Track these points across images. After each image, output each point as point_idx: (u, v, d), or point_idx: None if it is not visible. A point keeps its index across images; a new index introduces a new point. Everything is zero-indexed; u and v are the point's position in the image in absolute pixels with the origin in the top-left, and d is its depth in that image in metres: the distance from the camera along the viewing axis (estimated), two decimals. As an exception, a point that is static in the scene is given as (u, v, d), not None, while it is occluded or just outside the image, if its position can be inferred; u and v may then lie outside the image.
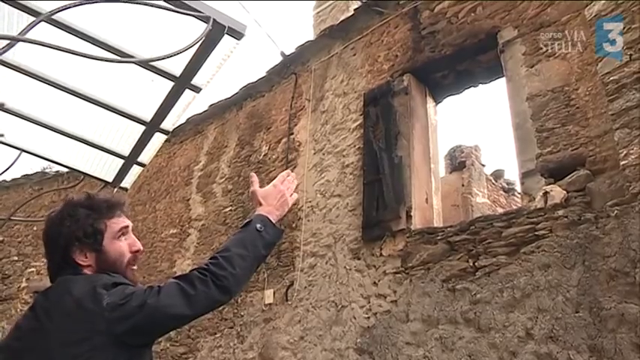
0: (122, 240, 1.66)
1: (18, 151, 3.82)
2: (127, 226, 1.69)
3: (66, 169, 7.58)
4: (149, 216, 8.01)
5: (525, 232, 3.87)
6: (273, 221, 1.74)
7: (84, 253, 1.59)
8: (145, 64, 2.56)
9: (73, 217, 1.60)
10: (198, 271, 1.54)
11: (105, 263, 1.60)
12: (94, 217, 1.61)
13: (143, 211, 8.17)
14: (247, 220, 1.73)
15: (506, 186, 9.87)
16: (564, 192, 3.76)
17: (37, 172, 9.89)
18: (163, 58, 2.29)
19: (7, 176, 10.45)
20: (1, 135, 3.72)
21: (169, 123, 3.12)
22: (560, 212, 3.73)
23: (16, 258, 9.61)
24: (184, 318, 1.50)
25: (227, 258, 1.57)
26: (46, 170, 9.77)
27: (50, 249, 1.63)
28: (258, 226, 1.67)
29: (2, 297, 9.35)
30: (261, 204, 1.79)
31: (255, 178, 1.88)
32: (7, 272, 9.59)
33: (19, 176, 10.07)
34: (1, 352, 1.55)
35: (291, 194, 1.89)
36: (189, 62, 2.57)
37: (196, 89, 2.77)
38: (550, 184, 3.89)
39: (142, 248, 1.72)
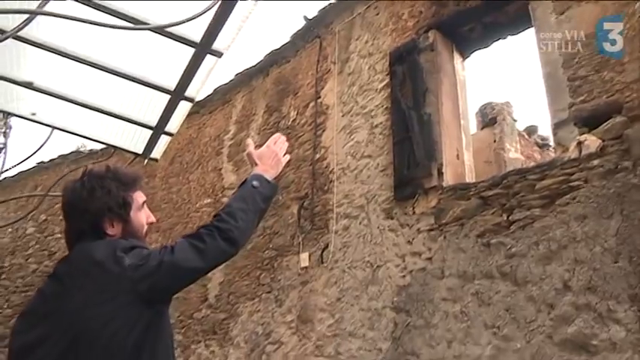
0: (142, 212, 1.78)
1: (50, 129, 3.89)
2: (145, 200, 1.81)
3: (99, 147, 7.74)
4: (183, 187, 8.12)
5: (560, 184, 3.80)
6: (269, 179, 1.86)
7: (112, 223, 1.67)
8: (163, 31, 2.56)
9: (103, 188, 1.67)
10: (205, 228, 1.65)
11: (129, 233, 1.70)
12: (123, 190, 1.69)
13: (177, 183, 8.28)
14: (244, 179, 1.86)
15: (541, 141, 9.67)
16: (599, 141, 3.67)
17: (72, 152, 10.11)
18: (179, 24, 2.30)
19: (45, 157, 10.72)
20: (33, 114, 3.79)
21: (194, 90, 3.12)
22: (596, 162, 3.64)
23: (59, 235, 9.87)
24: (199, 270, 1.61)
25: (229, 213, 1.69)
26: (81, 149, 9.96)
27: (76, 218, 1.69)
28: (255, 183, 1.81)
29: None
30: (256, 164, 1.91)
31: (249, 142, 1.99)
32: (52, 249, 9.88)
33: (55, 156, 10.32)
34: (27, 316, 1.62)
35: (284, 154, 2.01)
36: (208, 27, 2.56)
37: (217, 54, 2.76)
38: (584, 133, 3.80)
39: (155, 220, 1.85)
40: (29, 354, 1.49)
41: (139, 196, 1.77)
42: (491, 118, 8.39)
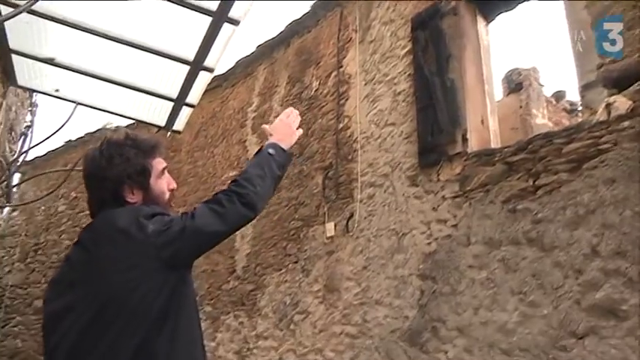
0: (163, 178, 1.79)
1: (74, 105, 3.93)
2: (166, 167, 1.82)
3: (125, 123, 7.81)
4: (208, 161, 8.17)
5: (587, 147, 3.70)
6: (284, 147, 1.92)
7: (132, 191, 1.69)
8: (180, 0, 2.54)
9: (122, 156, 1.69)
10: (223, 193, 1.68)
11: (150, 200, 1.72)
12: (141, 157, 1.70)
13: (202, 157, 8.34)
14: (259, 148, 1.90)
15: (569, 107, 9.47)
16: (630, 102, 3.55)
17: (98, 129, 10.24)
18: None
19: (73, 135, 10.90)
20: (57, 90, 3.83)
21: (213, 60, 3.12)
22: (626, 123, 3.53)
23: (89, 212, 10.08)
24: (220, 234, 1.64)
25: (247, 179, 1.72)
26: (107, 126, 10.08)
27: (96, 186, 1.71)
28: (270, 150, 1.86)
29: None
30: (271, 135, 1.96)
31: (264, 126, 2.07)
32: (83, 225, 10.02)
33: (83, 134, 10.48)
34: (56, 284, 1.66)
35: (297, 128, 2.06)
36: (223, -6, 2.54)
37: (235, 22, 2.74)
38: (613, 95, 3.68)
39: (176, 186, 1.88)
40: (59, 321, 1.52)
41: (159, 163, 1.78)
42: (517, 84, 8.22)
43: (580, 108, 9.15)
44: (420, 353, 4.47)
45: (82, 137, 10.51)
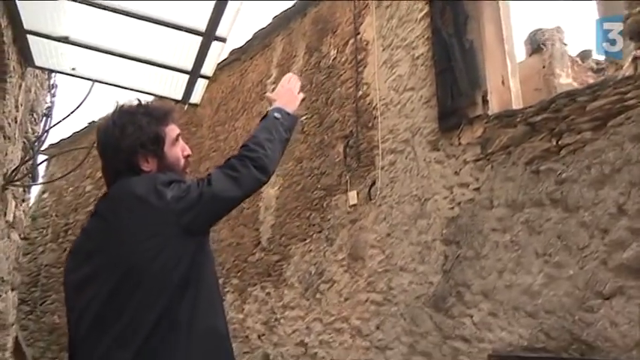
0: (177, 146, 1.78)
1: (91, 83, 3.94)
2: (180, 134, 1.81)
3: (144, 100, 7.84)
4: (229, 135, 8.19)
5: (613, 104, 3.58)
6: (289, 111, 1.93)
7: (146, 159, 1.68)
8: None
9: (134, 124, 1.68)
10: (236, 158, 1.69)
11: (165, 167, 1.71)
12: (154, 124, 1.69)
13: (223, 131, 8.36)
14: (265, 113, 1.92)
15: (595, 66, 9.21)
16: (658, 55, 3.44)
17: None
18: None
19: (96, 116, 11.01)
20: (73, 69, 3.85)
21: (224, 29, 3.10)
22: (654, 78, 3.43)
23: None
24: (236, 199, 1.66)
25: (256, 143, 1.73)
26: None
27: (110, 156, 1.71)
28: (276, 114, 1.87)
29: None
30: (274, 101, 1.98)
31: (267, 94, 2.13)
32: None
33: (105, 114, 10.55)
34: (75, 255, 1.67)
35: (298, 93, 2.09)
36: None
37: (243, -11, 2.71)
38: (640, 48, 3.57)
39: (191, 153, 1.88)
40: (81, 291, 1.54)
41: (172, 130, 1.77)
42: (540, 44, 8.02)
43: (606, 67, 8.92)
44: (446, 318, 4.47)
45: (104, 117, 10.60)
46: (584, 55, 9.20)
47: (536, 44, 8.17)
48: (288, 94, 2.02)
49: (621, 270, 3.37)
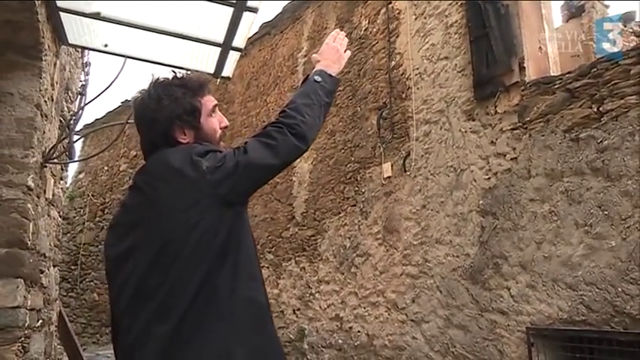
0: (214, 117, 1.74)
1: (123, 60, 3.95)
2: (217, 104, 1.77)
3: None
4: (261, 110, 8.18)
5: (659, 67, 3.47)
6: (333, 74, 1.85)
7: (183, 131, 1.66)
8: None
9: (170, 96, 1.66)
10: (272, 125, 1.63)
11: (201, 139, 1.68)
12: (190, 96, 1.67)
13: (255, 107, 8.36)
14: (306, 76, 1.84)
15: (639, 29, 8.86)
16: None
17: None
18: None
19: (129, 95, 11.11)
20: (105, 45, 3.85)
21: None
22: (702, 38, 3.28)
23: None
24: (274, 167, 1.60)
25: (294, 109, 1.67)
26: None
27: (147, 129, 1.69)
28: (317, 77, 1.80)
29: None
30: (318, 62, 1.90)
31: (313, 55, 2.00)
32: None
33: (136, 93, 10.65)
34: (115, 229, 1.67)
35: (345, 50, 1.99)
36: None
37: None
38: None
39: (228, 124, 1.83)
40: (122, 263, 1.53)
41: (209, 101, 1.73)
42: (578, 7, 7.74)
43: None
44: (482, 290, 4.42)
45: (136, 97, 10.71)
46: (627, 17, 8.82)
47: (573, 8, 7.89)
48: (332, 52, 1.93)
49: (667, 240, 3.27)
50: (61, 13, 3.44)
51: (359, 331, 5.81)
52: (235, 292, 1.49)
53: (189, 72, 2.09)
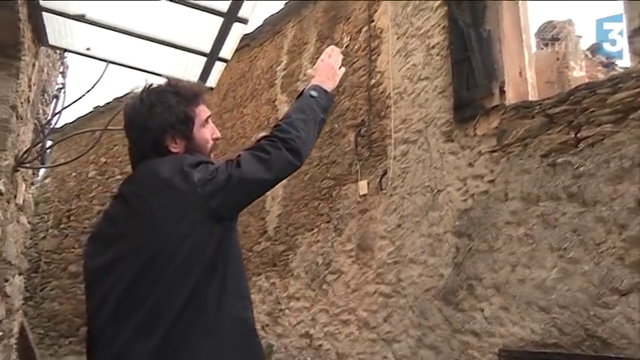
0: (207, 127, 1.70)
1: (105, 64, 3.87)
2: (210, 115, 1.73)
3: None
4: (237, 122, 8.14)
5: (634, 97, 3.51)
6: (328, 90, 1.82)
7: (174, 140, 1.61)
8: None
9: (164, 103, 1.61)
10: (267, 139, 1.59)
11: (192, 149, 1.63)
12: (184, 104, 1.63)
13: (231, 118, 8.31)
14: (301, 90, 1.81)
15: (606, 60, 9.15)
16: (682, 48, 3.38)
17: (126, 94, 10.17)
18: None
19: (101, 101, 10.94)
20: (88, 49, 3.78)
21: (247, 11, 3.03)
22: (677, 70, 3.37)
23: (120, 176, 10.23)
24: (266, 182, 1.56)
25: (289, 123, 1.63)
26: (135, 90, 10.08)
27: (137, 136, 1.64)
28: (313, 92, 1.77)
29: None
30: (313, 77, 1.88)
31: (308, 71, 1.98)
32: (114, 190, 10.23)
33: (111, 100, 10.50)
34: (97, 239, 1.61)
35: (340, 67, 1.96)
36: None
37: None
38: (664, 39, 3.51)
39: (220, 135, 1.79)
40: (102, 277, 1.48)
41: (203, 111, 1.69)
42: (552, 36, 7.96)
43: (617, 62, 8.86)
44: (455, 312, 4.43)
45: (109, 103, 10.55)
46: (594, 48, 9.12)
47: (548, 36, 8.11)
48: (327, 68, 1.90)
49: (639, 266, 3.32)
50: (43, 13, 3.37)
51: (328, 349, 5.75)
52: (223, 309, 1.45)
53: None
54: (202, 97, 1.72)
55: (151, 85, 1.69)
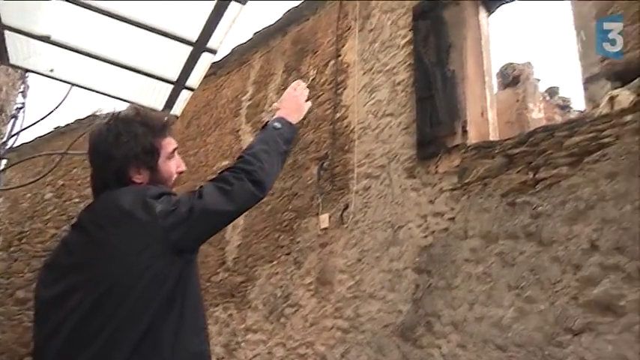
0: (172, 160, 1.70)
1: (69, 87, 3.82)
2: (176, 148, 1.73)
3: (117, 110, 7.69)
4: (200, 150, 8.08)
5: (589, 141, 3.65)
6: (292, 122, 1.86)
7: (138, 170, 1.60)
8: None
9: (130, 133, 1.60)
10: (229, 170, 1.61)
11: (156, 181, 1.63)
12: (151, 135, 1.62)
13: (194, 146, 8.24)
14: (266, 121, 1.84)
15: (562, 103, 9.48)
16: (633, 95, 3.51)
17: (88, 116, 10.03)
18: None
19: (62, 122, 10.72)
20: (51, 70, 3.72)
21: (216, 41, 3.03)
22: (629, 117, 3.48)
23: (77, 200, 9.98)
24: (229, 213, 1.56)
25: (253, 154, 1.65)
26: (97, 113, 9.87)
27: (100, 165, 1.61)
28: (276, 124, 1.80)
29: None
30: (278, 110, 1.92)
31: (274, 104, 2.02)
32: (70, 214, 9.97)
33: (72, 121, 10.29)
34: (52, 268, 1.56)
35: (305, 101, 2.00)
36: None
37: (242, 0, 2.66)
38: (616, 88, 3.64)
39: (185, 169, 1.80)
40: (57, 306, 1.44)
41: (169, 144, 1.68)
42: (513, 78, 8.20)
43: (573, 105, 9.18)
44: (413, 348, 4.42)
45: (70, 124, 10.32)
46: (552, 91, 9.46)
47: (509, 78, 8.35)
48: (294, 101, 1.95)
49: (591, 306, 3.39)
50: (5, 31, 3.31)
51: (284, 384, 5.66)
52: (179, 341, 1.43)
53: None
54: (170, 129, 1.72)
55: (119, 112, 1.67)
